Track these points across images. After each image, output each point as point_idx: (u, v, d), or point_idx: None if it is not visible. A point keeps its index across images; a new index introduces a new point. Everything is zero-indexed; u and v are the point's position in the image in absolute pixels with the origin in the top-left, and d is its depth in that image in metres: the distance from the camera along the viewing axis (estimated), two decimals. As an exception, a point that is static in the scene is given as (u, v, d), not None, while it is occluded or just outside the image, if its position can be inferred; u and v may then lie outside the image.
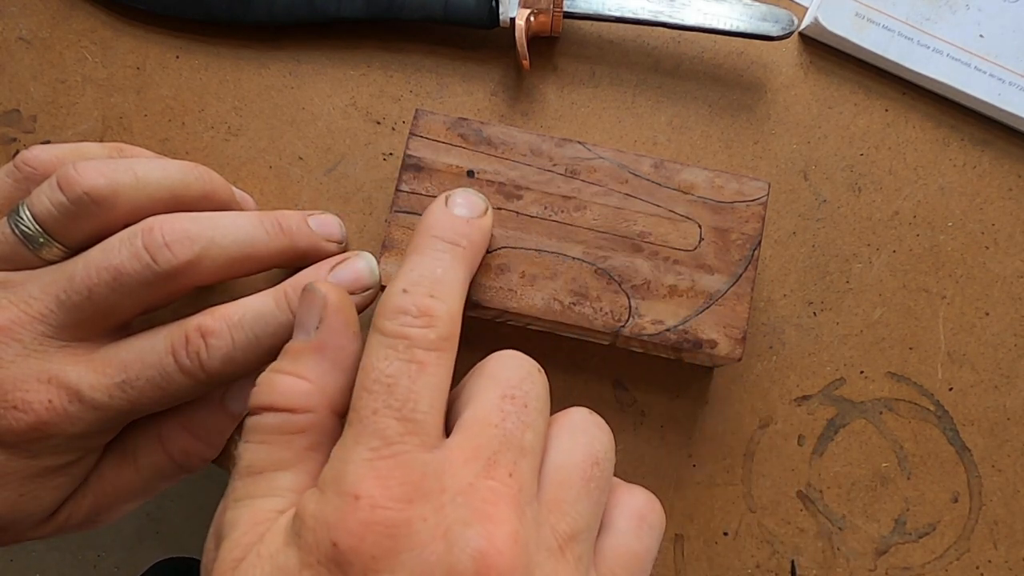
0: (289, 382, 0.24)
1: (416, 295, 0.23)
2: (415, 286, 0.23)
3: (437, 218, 0.26)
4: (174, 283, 0.26)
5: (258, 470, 0.23)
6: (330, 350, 0.24)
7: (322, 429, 0.23)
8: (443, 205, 0.27)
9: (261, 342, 0.26)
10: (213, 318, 0.26)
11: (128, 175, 0.27)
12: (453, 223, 0.26)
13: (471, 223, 0.26)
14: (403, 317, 0.23)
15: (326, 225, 0.30)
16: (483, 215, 0.27)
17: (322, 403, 0.24)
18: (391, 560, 0.20)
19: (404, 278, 0.24)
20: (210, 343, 0.26)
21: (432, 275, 0.24)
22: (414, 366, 0.22)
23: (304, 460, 0.23)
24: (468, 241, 0.26)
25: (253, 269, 0.28)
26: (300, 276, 0.27)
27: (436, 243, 0.25)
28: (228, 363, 0.26)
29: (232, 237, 0.27)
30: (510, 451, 0.22)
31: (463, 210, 0.27)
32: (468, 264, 0.26)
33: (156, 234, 0.26)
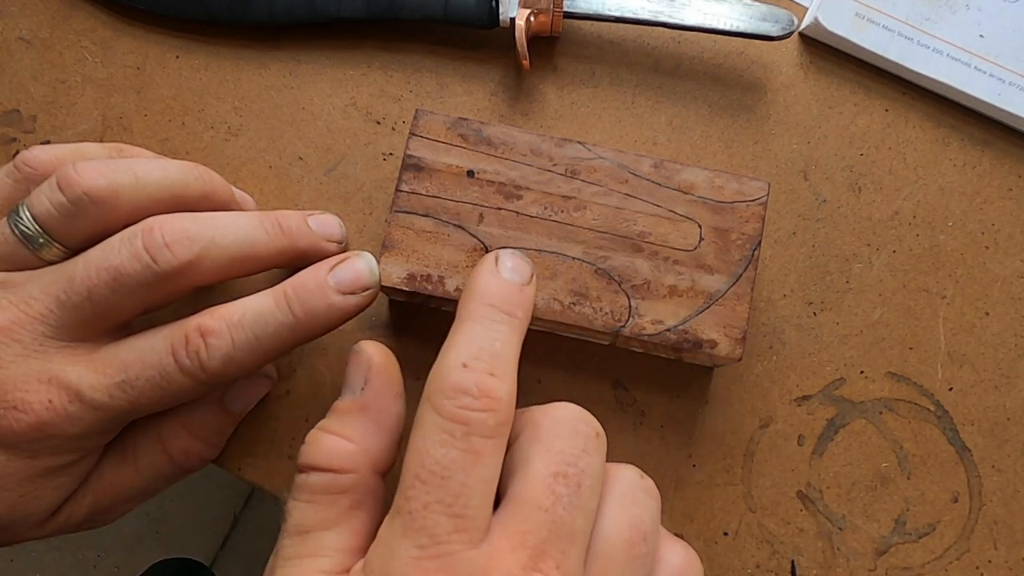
0: (334, 442, 0.24)
1: (477, 372, 0.22)
2: (476, 360, 0.23)
3: (489, 284, 0.25)
4: (174, 283, 0.26)
5: (305, 529, 0.23)
6: (374, 411, 0.25)
7: (365, 489, 0.24)
8: (494, 269, 0.25)
9: (261, 342, 0.26)
10: (213, 318, 0.26)
11: (128, 175, 0.27)
12: (508, 291, 0.25)
13: (524, 292, 0.25)
14: (463, 398, 0.22)
15: (326, 225, 0.30)
16: (530, 282, 0.26)
17: (365, 463, 0.24)
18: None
19: (463, 350, 0.23)
20: (210, 343, 0.26)
21: (492, 349, 0.23)
22: (470, 457, 0.21)
23: (348, 519, 0.23)
24: (523, 312, 0.25)
25: (253, 269, 0.28)
26: (300, 276, 0.27)
27: (492, 312, 0.24)
28: (228, 363, 0.26)
29: (232, 237, 0.27)
30: (559, 539, 0.21)
31: (515, 276, 0.25)
32: (521, 335, 0.25)
33: (156, 234, 0.26)
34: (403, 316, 0.33)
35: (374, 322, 0.33)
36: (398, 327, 0.33)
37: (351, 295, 0.27)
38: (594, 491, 0.23)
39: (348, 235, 0.33)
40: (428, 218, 0.29)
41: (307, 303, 0.26)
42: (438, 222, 0.29)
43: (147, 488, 0.30)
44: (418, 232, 0.29)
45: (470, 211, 0.29)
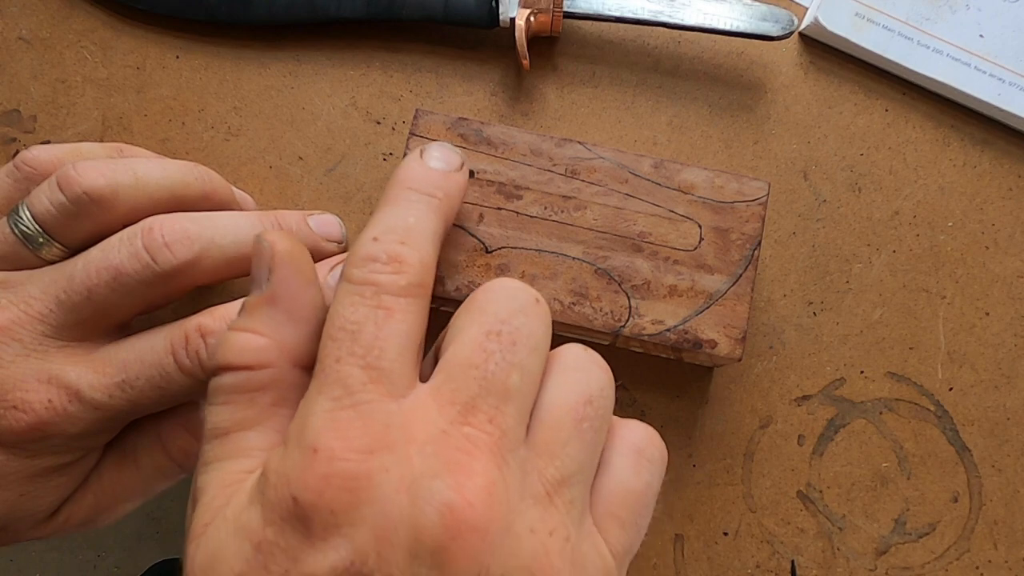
0: (244, 338, 0.23)
1: (386, 242, 0.22)
2: (386, 234, 0.23)
3: (412, 170, 0.25)
4: (173, 283, 0.26)
5: (224, 431, 0.22)
6: (283, 301, 0.23)
7: (286, 384, 0.23)
8: (418, 157, 0.26)
9: None
10: (212, 318, 0.26)
11: (128, 175, 0.27)
12: (428, 175, 0.25)
13: (447, 176, 0.25)
14: (372, 264, 0.22)
15: (326, 225, 0.30)
16: (459, 169, 0.26)
17: (280, 357, 0.23)
18: (351, 514, 0.19)
19: (375, 227, 0.23)
20: (209, 343, 0.26)
21: (404, 224, 0.23)
22: (381, 312, 0.21)
23: (270, 417, 0.22)
24: (443, 193, 0.25)
25: None
26: None
27: (409, 194, 0.24)
28: None
29: (232, 237, 0.27)
30: (491, 395, 0.21)
31: (439, 163, 0.25)
32: (443, 216, 0.25)
33: (156, 234, 0.26)
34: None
35: (374, 322, 0.33)
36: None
37: None
38: (532, 350, 0.22)
39: (348, 235, 0.33)
40: None
41: None
42: None
43: (147, 488, 0.30)
44: None
45: (470, 211, 0.29)
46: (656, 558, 0.32)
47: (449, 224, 0.26)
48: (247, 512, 0.20)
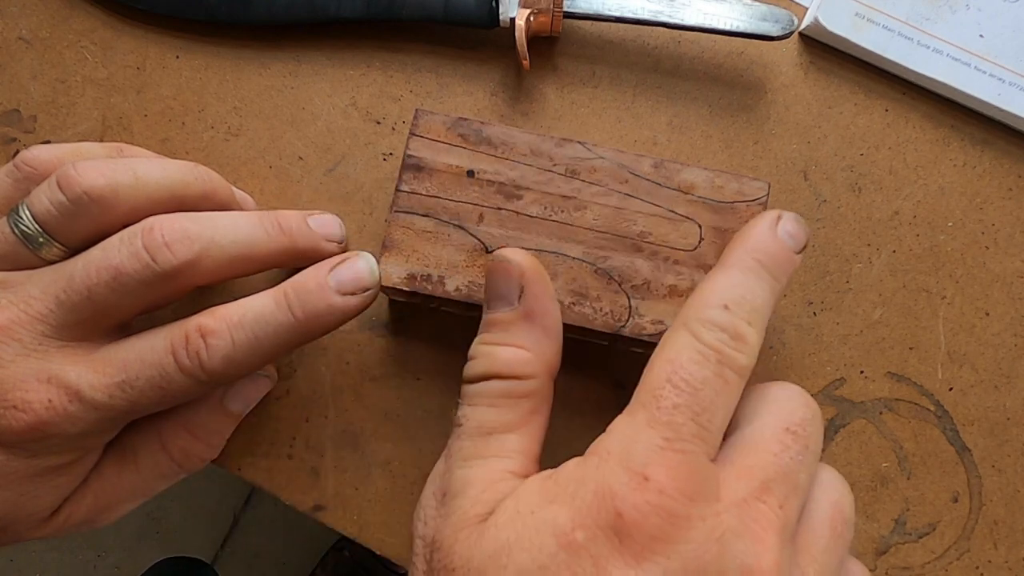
0: (510, 352, 0.25)
1: (736, 316, 0.23)
2: (738, 306, 0.24)
3: (766, 240, 0.25)
4: (174, 283, 0.26)
5: (487, 431, 0.24)
6: (539, 317, 0.25)
7: (543, 394, 0.25)
8: (773, 226, 0.26)
9: (261, 343, 0.26)
10: (213, 318, 0.26)
11: (128, 175, 0.27)
12: (780, 252, 0.25)
13: (792, 259, 0.26)
14: (720, 333, 0.23)
15: (326, 225, 0.30)
16: (801, 251, 0.26)
17: (541, 369, 0.25)
18: (668, 546, 0.20)
19: (727, 293, 0.24)
20: (210, 343, 0.26)
21: (753, 303, 0.24)
22: (720, 381, 0.22)
23: (528, 424, 0.25)
24: (786, 278, 0.25)
25: (253, 269, 0.28)
26: (300, 277, 0.27)
27: (760, 268, 0.25)
28: (228, 363, 0.26)
29: (232, 237, 0.27)
30: (784, 483, 0.22)
31: (790, 241, 0.26)
32: (776, 300, 0.25)
33: (156, 234, 0.26)
34: (403, 316, 0.33)
35: (374, 322, 0.33)
36: (398, 327, 0.33)
37: (351, 296, 0.27)
38: (815, 458, 0.23)
39: (348, 235, 0.33)
40: (428, 218, 0.29)
41: (307, 304, 0.27)
42: (438, 222, 0.29)
43: (147, 488, 0.30)
44: (418, 232, 0.29)
45: (470, 211, 0.29)
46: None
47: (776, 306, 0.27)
48: (549, 511, 0.21)
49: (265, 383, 0.31)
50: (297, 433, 0.32)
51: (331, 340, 0.33)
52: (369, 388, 0.32)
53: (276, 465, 0.32)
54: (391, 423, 0.32)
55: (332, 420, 0.32)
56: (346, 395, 0.32)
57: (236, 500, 1.06)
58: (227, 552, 1.05)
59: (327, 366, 0.33)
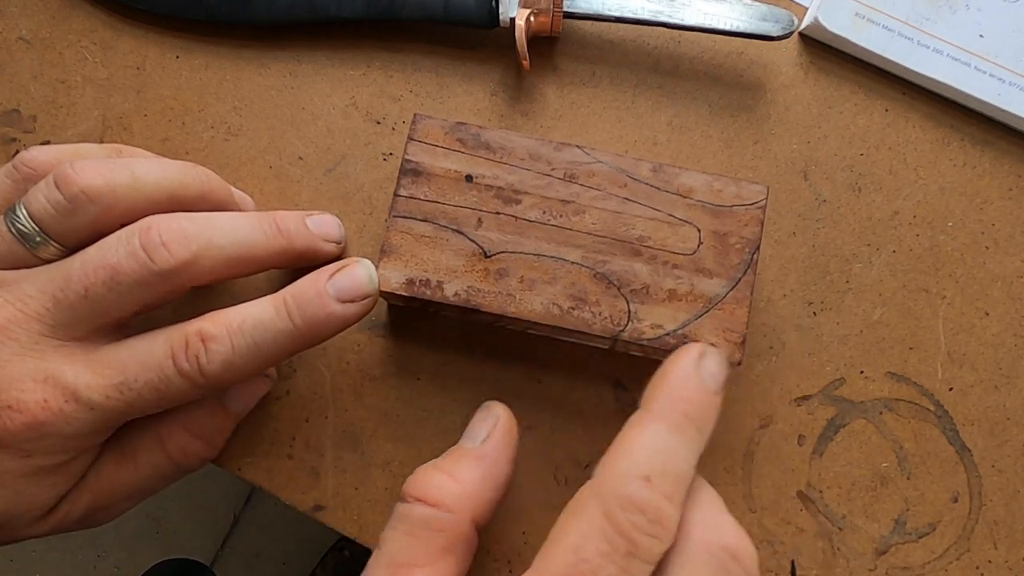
0: (442, 479, 0.25)
1: (657, 492, 0.22)
2: (661, 479, 0.22)
3: (689, 387, 0.24)
4: (171, 283, 0.26)
5: (399, 563, 0.24)
6: (489, 463, 0.26)
7: (460, 534, 0.24)
8: (696, 368, 0.24)
9: (260, 349, 0.26)
10: (213, 323, 0.26)
11: (125, 174, 0.27)
12: (705, 401, 0.24)
13: (714, 402, 0.24)
14: (637, 516, 0.21)
15: (324, 225, 0.30)
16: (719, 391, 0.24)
17: (467, 508, 0.25)
18: None
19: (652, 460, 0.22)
20: (210, 348, 0.26)
21: (678, 469, 0.22)
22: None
23: (438, 561, 0.24)
24: (709, 428, 0.24)
25: (251, 270, 0.28)
26: (299, 284, 0.27)
27: (687, 425, 0.23)
28: (227, 368, 0.26)
29: (230, 237, 0.27)
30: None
31: (712, 382, 0.24)
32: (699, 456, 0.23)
33: (153, 234, 0.26)
34: (403, 316, 0.33)
35: (373, 323, 0.33)
36: (397, 329, 0.33)
37: (350, 303, 0.27)
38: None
39: (348, 235, 0.33)
40: (427, 223, 0.29)
41: (307, 311, 0.26)
42: (437, 227, 0.29)
43: (146, 487, 0.30)
44: (417, 237, 0.29)
45: (469, 216, 0.29)
46: (656, 558, 0.32)
47: None
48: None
49: (265, 383, 0.31)
50: (297, 433, 0.32)
51: (331, 340, 0.33)
52: (369, 388, 0.32)
53: (276, 465, 0.32)
54: (391, 423, 0.32)
55: (332, 420, 0.32)
56: (346, 395, 0.32)
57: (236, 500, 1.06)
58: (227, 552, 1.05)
59: (327, 366, 0.33)
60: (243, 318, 0.26)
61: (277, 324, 0.26)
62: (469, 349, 0.33)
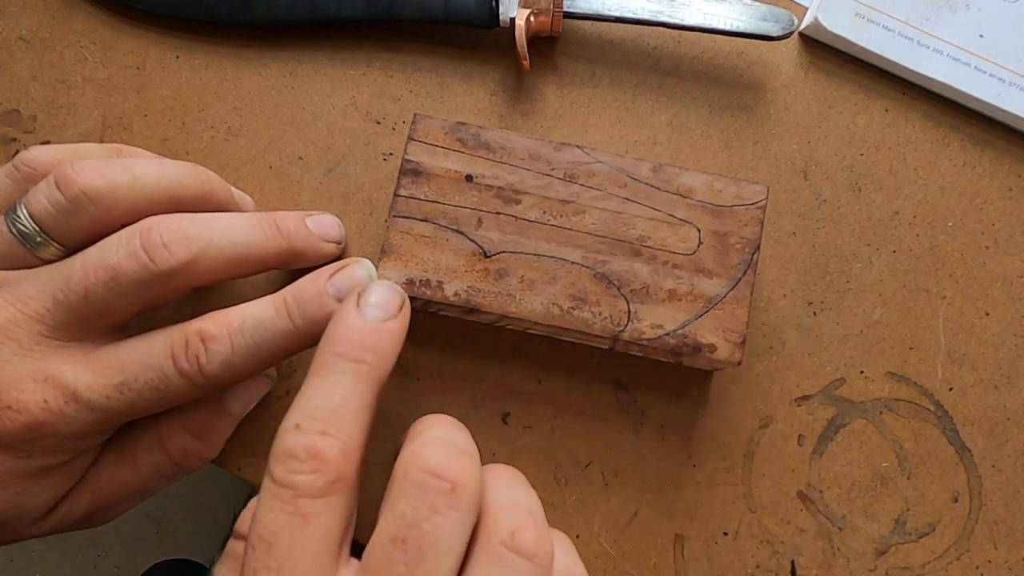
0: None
1: (308, 433, 0.22)
2: (309, 420, 0.22)
3: (344, 328, 0.24)
4: (171, 283, 0.26)
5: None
6: None
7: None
8: (354, 307, 0.25)
9: (260, 349, 0.26)
10: (213, 323, 0.26)
11: (126, 175, 0.27)
12: (359, 334, 0.24)
13: (379, 330, 0.25)
14: (291, 462, 0.22)
15: (324, 226, 0.30)
16: (396, 316, 0.25)
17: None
18: None
19: (299, 409, 0.23)
20: (210, 348, 0.26)
21: (328, 405, 0.23)
22: (297, 519, 0.21)
23: None
24: (374, 355, 0.24)
25: (251, 270, 0.28)
26: (299, 284, 0.27)
27: (338, 363, 0.24)
28: (227, 368, 0.26)
29: (230, 238, 0.27)
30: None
31: (376, 311, 0.25)
32: (374, 381, 0.24)
33: (154, 234, 0.26)
34: (403, 316, 0.33)
35: (374, 322, 0.33)
36: (398, 327, 0.33)
37: None
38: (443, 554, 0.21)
39: (348, 235, 0.33)
40: (427, 223, 0.29)
41: (307, 311, 0.26)
42: (437, 227, 0.29)
43: (146, 487, 0.30)
44: (417, 237, 0.29)
45: (469, 216, 0.29)
46: (656, 558, 0.32)
47: (384, 379, 0.25)
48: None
49: (265, 383, 0.31)
50: (297, 433, 0.32)
51: (331, 340, 0.33)
52: (369, 388, 0.32)
53: (276, 465, 0.32)
54: (391, 423, 0.32)
55: (332, 420, 0.32)
56: (346, 395, 0.32)
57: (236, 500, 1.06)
58: (227, 551, 1.05)
59: (327, 366, 0.33)
60: (243, 318, 0.26)
61: (277, 324, 0.26)
62: (469, 349, 0.33)
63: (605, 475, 0.32)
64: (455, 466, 0.22)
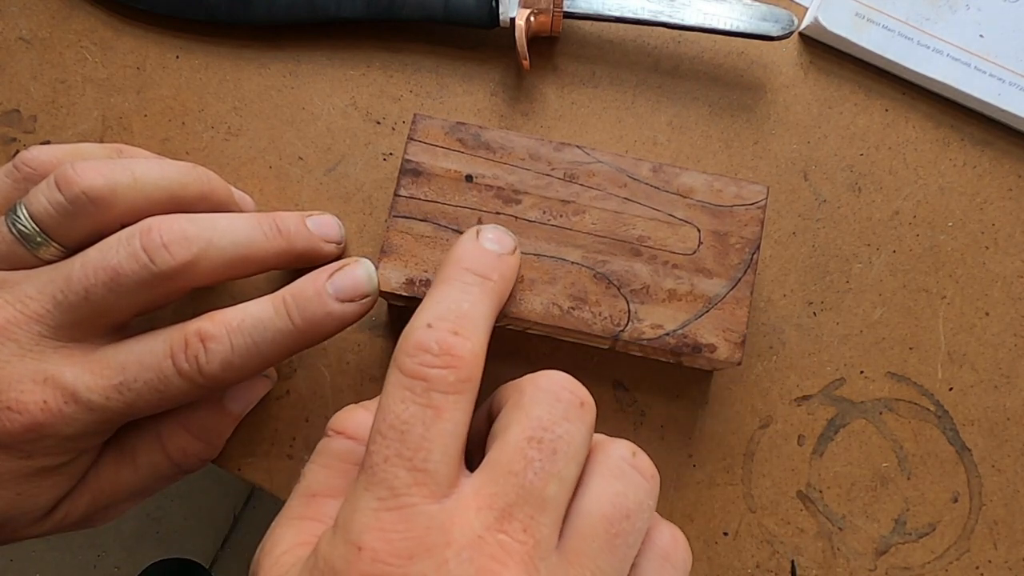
0: (363, 415, 0.25)
1: (440, 331, 0.23)
2: (440, 320, 0.23)
3: (467, 250, 0.26)
4: (172, 284, 0.26)
5: (313, 493, 0.24)
6: None
7: None
8: (474, 238, 0.26)
9: (260, 348, 0.26)
10: (213, 323, 0.26)
11: (126, 175, 0.27)
12: (484, 256, 0.26)
13: (502, 259, 0.26)
14: (424, 355, 0.22)
15: (324, 226, 0.30)
16: (512, 252, 0.27)
17: None
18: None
19: (430, 310, 0.23)
20: (209, 348, 0.26)
21: (459, 309, 0.24)
22: (430, 411, 0.22)
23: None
24: (499, 275, 0.26)
25: (251, 270, 0.28)
26: (298, 283, 0.27)
27: (465, 275, 0.25)
28: (226, 368, 0.26)
29: (230, 238, 0.27)
30: (528, 504, 0.21)
31: (494, 245, 0.26)
32: (497, 299, 0.25)
33: (154, 235, 0.26)
34: (402, 319, 0.33)
35: (373, 323, 0.33)
36: (397, 329, 0.33)
37: (349, 303, 0.27)
38: (572, 459, 0.22)
39: (348, 235, 0.33)
40: (427, 223, 0.29)
41: (306, 311, 0.26)
42: (437, 227, 0.29)
43: (145, 487, 0.30)
44: (417, 237, 0.29)
45: (469, 216, 0.29)
46: (656, 558, 0.32)
47: (501, 307, 0.26)
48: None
49: (265, 383, 0.31)
50: (297, 433, 0.32)
51: (331, 340, 0.33)
52: (369, 388, 0.32)
53: (276, 465, 0.32)
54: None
55: (332, 420, 0.32)
56: (346, 395, 0.32)
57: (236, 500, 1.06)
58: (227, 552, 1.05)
59: (327, 366, 0.33)
60: (242, 317, 0.26)
61: (276, 323, 0.26)
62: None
63: (605, 475, 0.32)
64: (581, 388, 0.23)
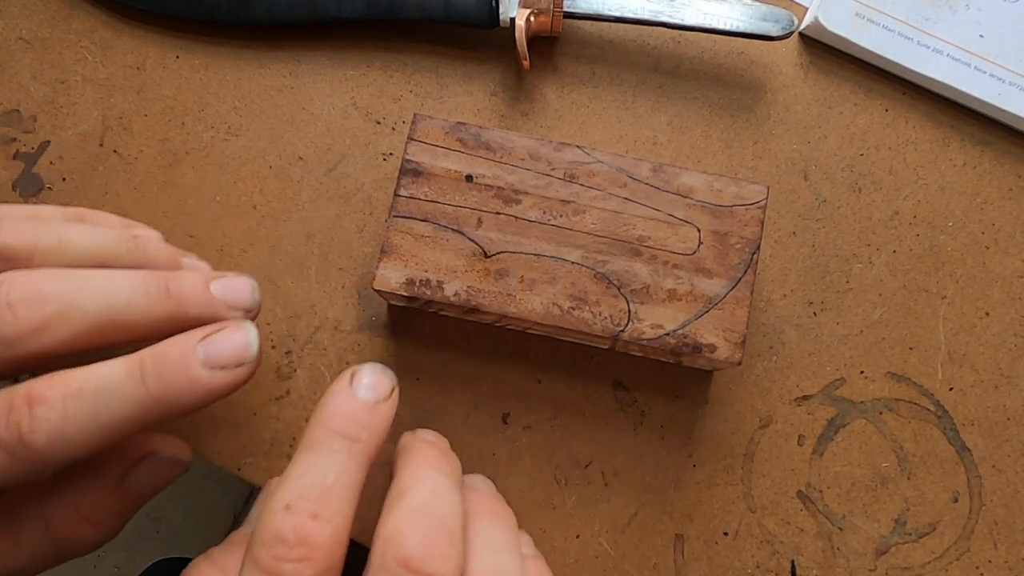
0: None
1: (298, 515, 0.21)
2: (301, 499, 0.21)
3: (338, 404, 0.23)
4: (13, 351, 0.22)
5: None
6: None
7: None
8: (347, 386, 0.24)
9: (101, 418, 0.22)
10: (48, 384, 0.22)
11: (51, 238, 0.24)
12: (354, 412, 0.23)
13: (375, 410, 0.24)
14: (279, 547, 0.20)
15: (232, 291, 0.26)
16: (388, 398, 0.24)
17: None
18: None
19: (291, 487, 0.22)
20: (36, 414, 0.21)
21: (323, 483, 0.22)
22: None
23: None
24: (368, 433, 0.23)
25: (126, 338, 0.24)
26: (164, 343, 0.24)
27: (333, 439, 0.23)
28: (58, 440, 0.22)
29: (100, 300, 0.23)
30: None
31: (368, 393, 0.24)
32: (366, 460, 0.23)
33: (1, 292, 0.22)
34: (402, 316, 0.33)
35: (373, 323, 0.33)
36: (397, 329, 0.33)
37: (220, 370, 0.24)
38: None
39: (348, 235, 0.33)
40: (427, 223, 0.29)
41: (165, 375, 0.23)
42: (437, 227, 0.29)
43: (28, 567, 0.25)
44: (417, 237, 0.29)
45: (469, 216, 0.29)
46: (656, 558, 0.32)
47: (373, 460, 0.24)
48: None
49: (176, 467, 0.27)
50: (297, 433, 0.32)
51: (331, 340, 0.33)
52: (369, 388, 0.32)
53: (276, 465, 0.32)
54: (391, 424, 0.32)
55: (332, 420, 0.32)
56: (346, 395, 0.32)
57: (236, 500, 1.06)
58: (227, 551, 1.05)
59: (327, 366, 0.33)
60: (85, 380, 0.22)
61: (126, 388, 0.22)
62: (469, 349, 0.33)
63: (605, 475, 0.32)
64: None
